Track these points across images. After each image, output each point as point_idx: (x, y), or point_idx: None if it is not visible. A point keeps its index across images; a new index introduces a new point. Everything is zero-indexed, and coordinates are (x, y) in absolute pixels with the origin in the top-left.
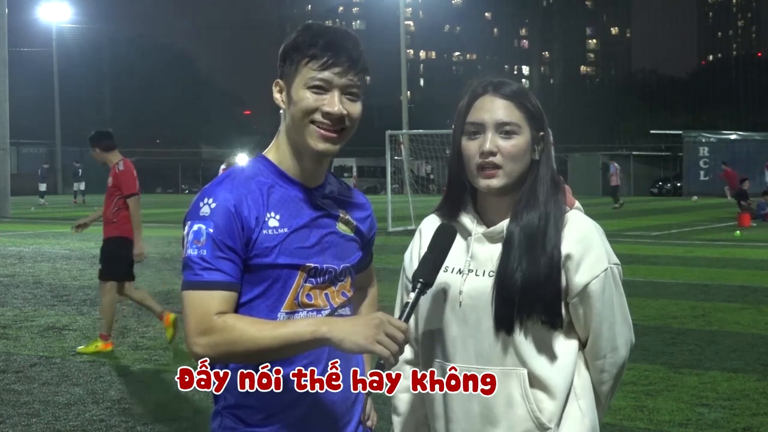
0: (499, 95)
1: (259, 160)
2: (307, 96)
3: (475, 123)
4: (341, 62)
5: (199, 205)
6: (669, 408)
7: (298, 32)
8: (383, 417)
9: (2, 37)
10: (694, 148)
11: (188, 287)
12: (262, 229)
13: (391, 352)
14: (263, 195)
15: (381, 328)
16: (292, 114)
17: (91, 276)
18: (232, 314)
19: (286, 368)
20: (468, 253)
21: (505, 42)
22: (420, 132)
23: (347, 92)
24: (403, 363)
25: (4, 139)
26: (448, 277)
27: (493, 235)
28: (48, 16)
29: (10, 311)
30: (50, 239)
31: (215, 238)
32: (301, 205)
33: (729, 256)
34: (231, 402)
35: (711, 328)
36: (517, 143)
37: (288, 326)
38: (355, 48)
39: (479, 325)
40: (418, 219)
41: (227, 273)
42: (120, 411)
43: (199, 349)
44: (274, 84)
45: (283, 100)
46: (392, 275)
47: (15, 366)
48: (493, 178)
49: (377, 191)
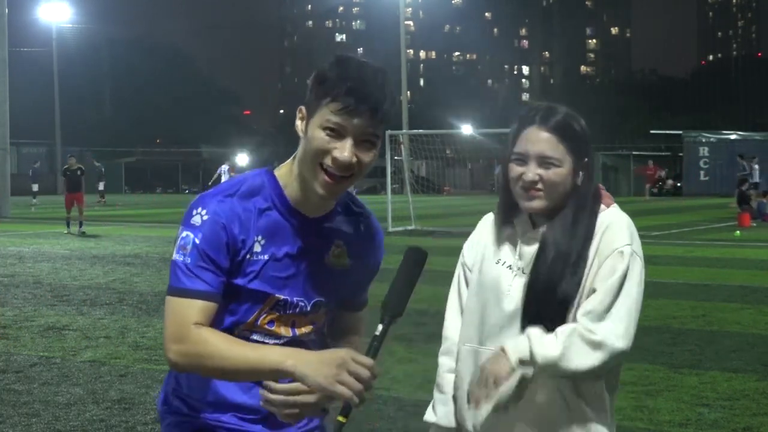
0: (544, 128)
1: (267, 177)
2: (321, 137)
3: (520, 153)
4: (361, 111)
5: (192, 213)
6: (669, 408)
7: (330, 64)
8: (383, 417)
9: (2, 37)
10: (694, 148)
11: (170, 293)
12: (248, 253)
13: (354, 391)
14: (255, 217)
15: (344, 367)
16: (305, 149)
17: (90, 276)
18: (208, 328)
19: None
20: (516, 252)
21: (505, 42)
22: (420, 132)
23: (362, 140)
24: (452, 344)
25: (4, 139)
26: (500, 269)
27: (535, 237)
28: (48, 16)
29: (10, 311)
30: (50, 239)
31: (200, 249)
32: (291, 233)
33: (729, 256)
34: (184, 391)
35: (711, 328)
36: (558, 173)
37: (257, 351)
38: (380, 94)
39: (516, 317)
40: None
41: (208, 283)
42: (120, 411)
43: (172, 355)
44: (298, 110)
45: (302, 129)
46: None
47: (15, 366)
48: (534, 200)
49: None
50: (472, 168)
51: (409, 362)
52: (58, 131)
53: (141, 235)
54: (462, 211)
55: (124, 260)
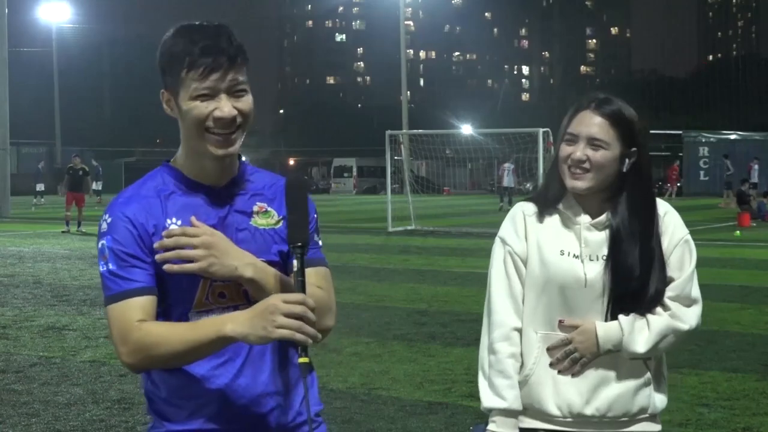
0: (598, 112)
1: (162, 169)
2: (196, 106)
3: (572, 133)
4: (221, 65)
5: (101, 223)
6: (669, 408)
7: (172, 39)
8: (383, 417)
9: (2, 37)
10: (694, 148)
11: (106, 303)
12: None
13: (294, 329)
14: (162, 202)
15: (276, 312)
16: (187, 125)
17: (91, 276)
18: (150, 321)
19: (205, 364)
20: (581, 240)
21: (505, 42)
22: (420, 132)
23: (234, 91)
24: (511, 330)
25: (4, 139)
26: (567, 260)
27: (598, 225)
28: (48, 16)
29: (10, 311)
30: (50, 239)
31: (116, 250)
32: (205, 207)
33: (729, 256)
34: (157, 405)
35: (711, 328)
36: (605, 155)
37: (195, 327)
38: (231, 44)
39: (595, 303)
40: (418, 219)
41: (135, 280)
42: (120, 411)
43: (124, 357)
44: (161, 94)
45: (172, 109)
46: (393, 275)
47: (15, 366)
48: (579, 180)
49: (377, 191)
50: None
51: (409, 362)
52: (58, 131)
53: None
54: (462, 211)
55: None
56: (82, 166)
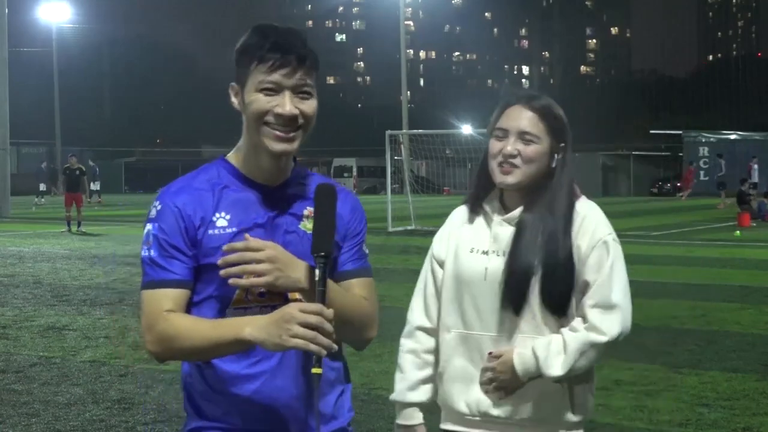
0: (528, 107)
1: (218, 163)
2: (258, 98)
3: (502, 128)
4: (289, 62)
5: (150, 208)
6: (669, 408)
7: (248, 35)
8: (383, 417)
9: (2, 37)
10: (694, 148)
11: (142, 287)
12: (208, 229)
13: (309, 340)
14: (214, 195)
15: (293, 321)
16: (247, 117)
17: (90, 276)
18: (178, 313)
19: (239, 363)
20: (491, 236)
21: (505, 42)
22: (420, 132)
23: (299, 92)
24: (415, 329)
25: (4, 139)
26: (474, 257)
27: (509, 220)
28: (48, 16)
29: (10, 311)
30: (50, 239)
31: (160, 239)
32: (259, 205)
33: (729, 256)
34: (193, 400)
35: (711, 328)
36: (536, 150)
37: (218, 325)
38: (303, 46)
39: (498, 301)
40: (418, 219)
41: (174, 272)
42: (120, 411)
43: (148, 345)
44: (230, 88)
45: (239, 104)
46: (392, 275)
47: (15, 366)
48: (508, 175)
49: (377, 191)
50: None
51: None
52: (58, 131)
53: (141, 235)
54: None
55: (124, 260)
56: (79, 165)
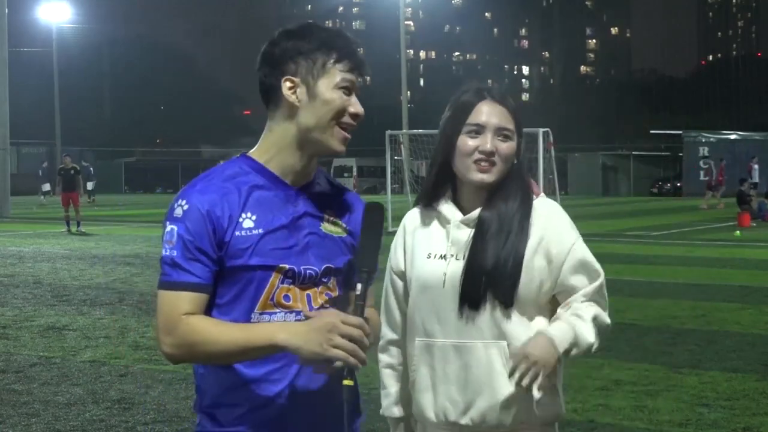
0: (499, 102)
1: (242, 160)
2: (339, 96)
3: (477, 124)
4: (360, 64)
5: (174, 206)
6: (669, 408)
7: (309, 30)
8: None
9: (2, 37)
10: (694, 148)
11: (160, 287)
12: (235, 231)
13: (349, 352)
14: (241, 196)
15: (335, 331)
16: (318, 114)
17: (90, 276)
18: (198, 315)
19: (259, 368)
20: (448, 240)
21: (505, 42)
22: (420, 132)
23: (357, 93)
24: (387, 343)
25: (4, 139)
26: (431, 262)
27: (468, 222)
28: (48, 16)
29: (10, 311)
30: (50, 239)
31: (185, 240)
32: (282, 205)
33: (729, 256)
34: (206, 402)
35: (711, 328)
36: (511, 146)
37: (246, 330)
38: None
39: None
40: None
41: (196, 275)
42: (120, 411)
43: (166, 348)
44: (285, 80)
45: (298, 98)
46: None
47: (15, 366)
48: (486, 173)
49: (377, 191)
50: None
51: None
52: (58, 131)
53: (141, 235)
54: None
55: (124, 260)
56: (73, 165)
